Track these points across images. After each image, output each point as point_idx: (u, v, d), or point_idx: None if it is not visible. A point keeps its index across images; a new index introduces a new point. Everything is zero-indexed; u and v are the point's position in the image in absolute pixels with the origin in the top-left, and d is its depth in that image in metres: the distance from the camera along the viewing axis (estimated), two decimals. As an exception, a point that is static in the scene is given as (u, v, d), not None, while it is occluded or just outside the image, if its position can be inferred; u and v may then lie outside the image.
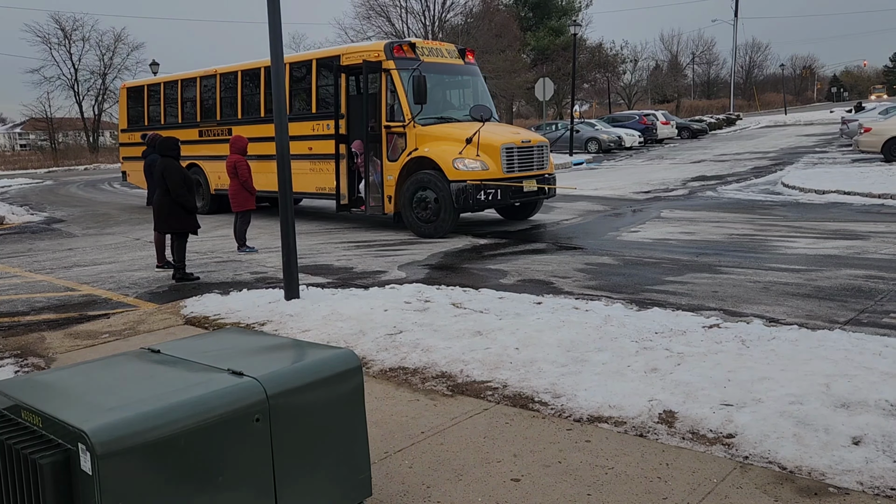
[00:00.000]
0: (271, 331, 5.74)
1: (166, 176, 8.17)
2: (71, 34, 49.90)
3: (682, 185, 17.03)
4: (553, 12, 46.24)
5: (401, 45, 11.26)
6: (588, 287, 7.32)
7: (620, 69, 54.17)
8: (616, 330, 5.15)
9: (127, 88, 16.81)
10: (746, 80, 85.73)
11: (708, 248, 9.04)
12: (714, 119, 47.99)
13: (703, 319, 5.63)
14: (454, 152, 10.43)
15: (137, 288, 8.05)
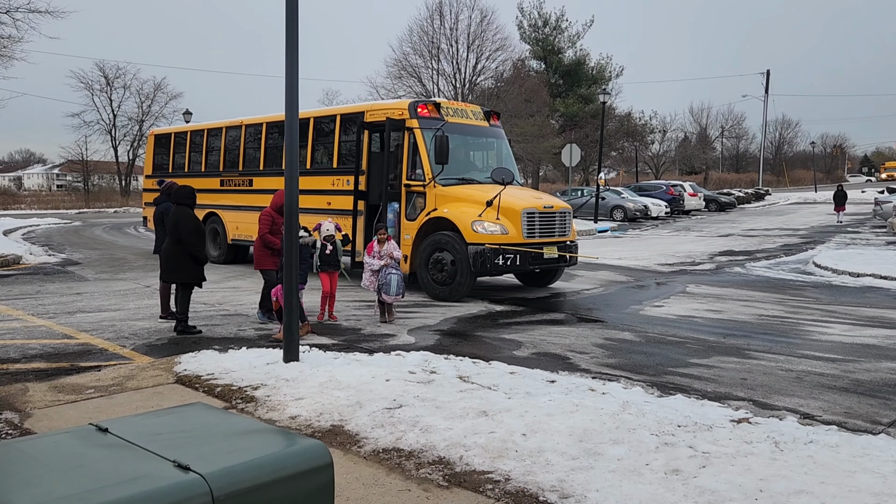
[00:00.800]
0: (263, 396, 5.37)
1: (180, 225, 7.98)
2: (113, 81, 51.68)
3: (709, 259, 16.55)
4: (583, 80, 46.78)
5: (425, 105, 11.17)
6: (606, 365, 6.86)
7: (649, 139, 54.32)
8: (634, 419, 4.68)
9: (155, 135, 17.00)
10: (776, 155, 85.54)
11: (736, 329, 8.54)
12: (742, 193, 47.59)
13: (731, 412, 5.14)
14: (474, 214, 10.16)
15: (136, 339, 7.75)
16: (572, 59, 47.46)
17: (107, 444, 2.37)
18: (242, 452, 2.30)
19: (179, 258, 8.06)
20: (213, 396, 5.47)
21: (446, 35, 34.62)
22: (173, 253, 8.09)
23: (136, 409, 5.13)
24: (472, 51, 34.97)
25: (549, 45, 46.69)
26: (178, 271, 8.10)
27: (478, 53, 35.09)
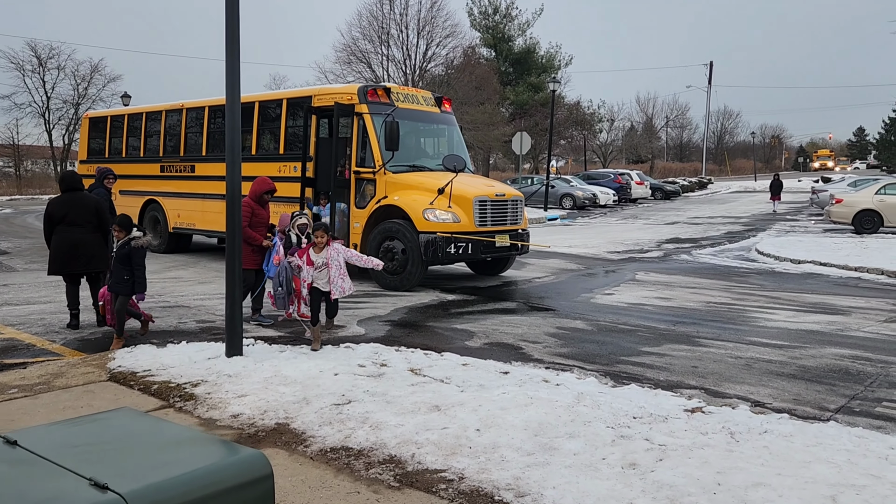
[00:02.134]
0: (204, 393, 5.08)
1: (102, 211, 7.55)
2: (46, 62, 49.18)
3: (657, 247, 16.77)
4: (533, 69, 46.88)
5: (375, 89, 10.88)
6: (559, 355, 6.79)
7: (597, 128, 54.92)
8: (590, 411, 4.60)
9: (90, 119, 16.19)
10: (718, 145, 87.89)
11: (685, 317, 8.60)
12: (687, 182, 48.68)
13: (685, 401, 5.11)
14: (425, 202, 9.96)
15: (68, 333, 7.32)
16: (522, 47, 47.48)
17: (14, 459, 2.10)
18: (171, 466, 2.07)
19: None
20: (149, 395, 5.16)
21: (396, 20, 34.17)
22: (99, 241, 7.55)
23: (64, 410, 4.79)
24: (423, 37, 34.62)
25: (499, 33, 46.59)
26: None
27: (428, 40, 34.76)
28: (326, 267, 6.54)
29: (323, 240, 6.55)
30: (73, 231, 7.23)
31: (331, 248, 6.57)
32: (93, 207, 7.40)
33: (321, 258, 6.55)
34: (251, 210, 7.79)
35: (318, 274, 6.57)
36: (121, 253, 6.78)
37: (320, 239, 6.55)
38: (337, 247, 6.69)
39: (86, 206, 7.36)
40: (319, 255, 6.56)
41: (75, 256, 7.30)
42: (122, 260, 6.77)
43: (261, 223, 7.94)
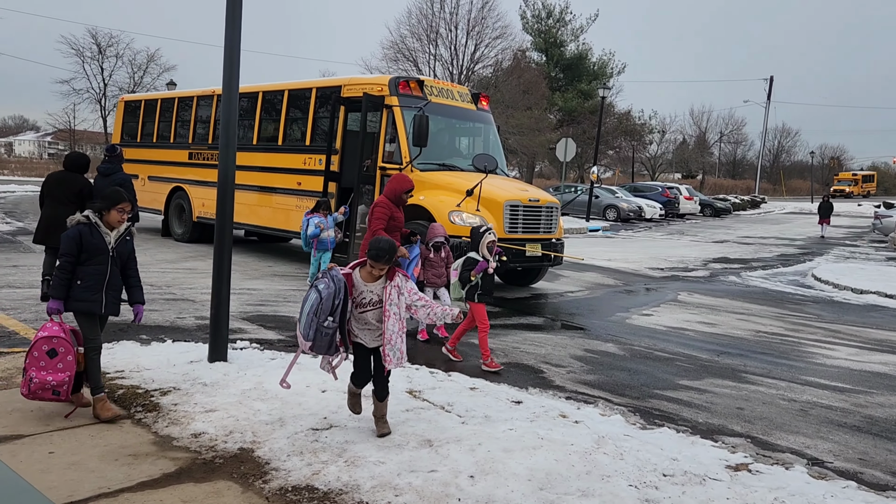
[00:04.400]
0: (170, 404, 4.48)
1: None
2: (105, 50, 50.17)
3: (703, 266, 15.72)
4: (584, 75, 45.80)
5: (407, 81, 10.24)
6: (584, 382, 6.01)
7: (647, 139, 53.45)
8: (610, 462, 3.82)
9: (125, 102, 15.98)
10: (773, 163, 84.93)
11: (731, 347, 7.71)
12: (738, 199, 46.88)
13: (727, 454, 4.29)
14: (451, 204, 9.26)
15: (56, 322, 6.82)
16: (574, 52, 46.46)
17: None
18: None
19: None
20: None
21: (445, 19, 33.58)
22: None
23: (12, 412, 4.24)
24: (472, 37, 33.95)
25: (551, 38, 45.66)
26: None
27: (477, 40, 34.08)
28: (376, 309, 4.04)
29: (383, 270, 3.98)
30: (56, 207, 7.38)
31: (392, 283, 4.02)
32: (77, 188, 7.55)
33: (372, 292, 4.03)
34: (389, 212, 6.61)
35: (360, 316, 4.05)
36: (123, 251, 4.50)
37: (379, 268, 3.97)
38: (400, 282, 4.05)
39: (71, 186, 7.54)
40: (371, 287, 4.03)
41: (50, 231, 7.44)
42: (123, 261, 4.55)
43: (397, 228, 6.72)
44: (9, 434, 3.92)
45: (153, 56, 51.19)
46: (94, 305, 4.32)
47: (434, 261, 7.27)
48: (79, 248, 4.27)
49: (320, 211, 9.11)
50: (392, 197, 6.74)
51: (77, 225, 4.34)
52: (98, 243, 4.34)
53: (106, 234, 4.38)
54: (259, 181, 11.96)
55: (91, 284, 4.31)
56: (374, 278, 4.01)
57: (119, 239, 4.46)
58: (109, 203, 4.42)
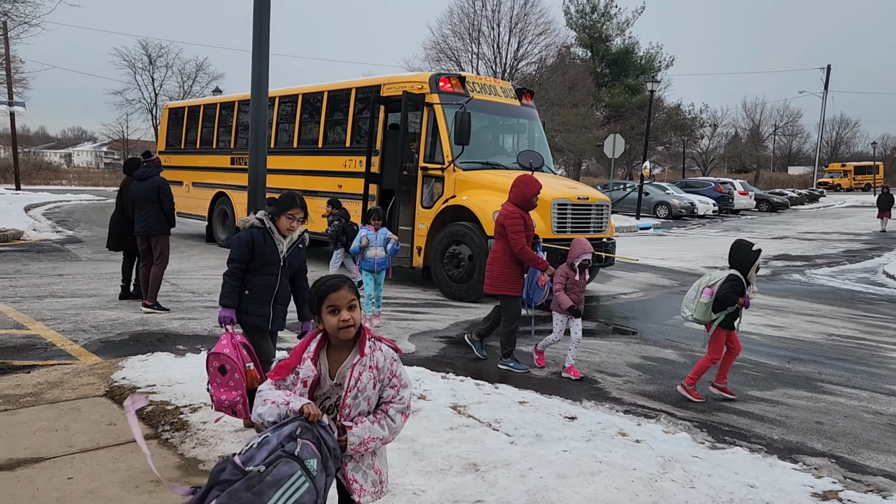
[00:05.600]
0: (198, 422, 4.22)
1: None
2: (156, 60, 51.48)
3: (763, 264, 14.89)
4: (631, 70, 44.74)
5: (448, 78, 9.90)
6: (643, 394, 5.55)
7: (697, 133, 51.90)
8: (680, 491, 3.39)
9: (169, 109, 16.08)
10: (831, 156, 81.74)
11: (803, 352, 7.11)
12: (796, 193, 45.07)
13: (812, 479, 3.80)
14: (496, 204, 8.83)
15: (94, 332, 6.71)
16: (620, 47, 45.43)
17: None
18: None
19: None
20: (139, 418, 4.34)
21: (488, 17, 33.17)
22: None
23: (36, 432, 4.04)
24: (515, 34, 33.44)
25: (596, 32, 44.76)
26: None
27: (520, 37, 33.54)
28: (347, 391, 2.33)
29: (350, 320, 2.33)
30: (122, 212, 8.27)
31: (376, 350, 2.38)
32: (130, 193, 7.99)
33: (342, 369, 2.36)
34: (523, 220, 5.94)
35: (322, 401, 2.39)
36: (294, 261, 4.13)
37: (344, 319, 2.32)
38: (388, 351, 2.40)
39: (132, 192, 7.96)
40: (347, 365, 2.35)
41: (119, 236, 8.37)
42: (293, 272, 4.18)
43: (529, 237, 6.06)
44: (29, 457, 3.71)
45: (201, 65, 52.37)
46: (260, 321, 4.00)
47: (578, 283, 5.99)
48: (250, 253, 3.92)
49: (371, 222, 7.42)
50: (521, 202, 6.01)
51: (250, 228, 3.96)
52: (270, 251, 3.95)
53: (279, 242, 3.98)
54: (300, 185, 11.78)
55: (258, 296, 3.98)
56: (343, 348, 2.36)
57: (292, 248, 4.05)
58: (279, 208, 3.98)
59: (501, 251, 6.02)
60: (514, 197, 6.04)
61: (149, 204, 7.89)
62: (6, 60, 26.66)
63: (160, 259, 7.96)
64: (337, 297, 2.29)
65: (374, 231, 7.29)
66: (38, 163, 51.68)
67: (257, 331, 4.04)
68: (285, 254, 4.00)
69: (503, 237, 6.00)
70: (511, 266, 5.99)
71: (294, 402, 2.22)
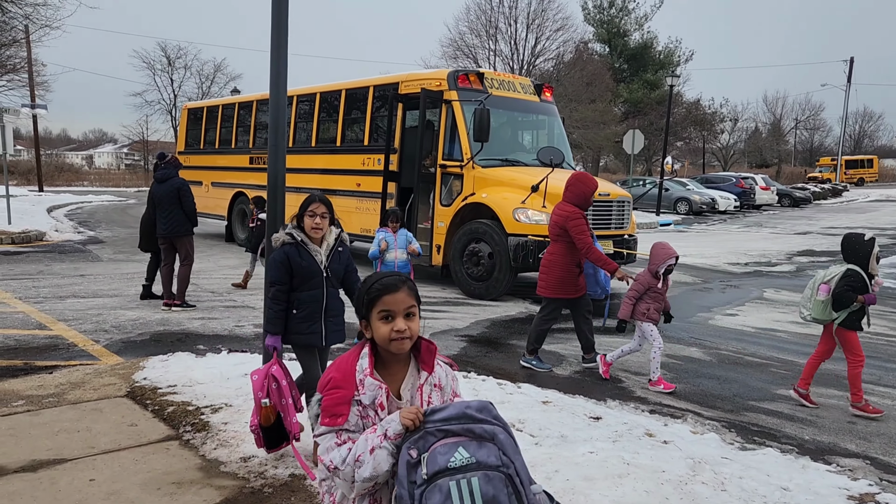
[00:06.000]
0: (220, 423, 4.19)
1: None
2: (174, 62, 51.95)
3: (788, 260, 14.69)
4: (649, 65, 44.33)
5: (467, 75, 9.82)
6: (668, 393, 5.44)
7: (718, 128, 51.30)
8: (711, 494, 3.29)
9: (188, 110, 16.16)
10: (855, 150, 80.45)
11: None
12: (818, 188, 44.40)
13: (848, 481, 3.69)
14: (516, 201, 8.79)
15: (116, 333, 6.73)
16: (638, 42, 45.03)
17: None
18: None
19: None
20: (160, 419, 4.33)
21: (504, 14, 33.04)
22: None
23: (58, 433, 4.03)
24: (532, 31, 33.29)
25: (614, 27, 44.40)
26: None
27: (537, 34, 33.38)
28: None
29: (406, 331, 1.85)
30: (149, 212, 8.24)
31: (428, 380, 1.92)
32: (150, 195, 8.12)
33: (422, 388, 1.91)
34: (586, 220, 5.82)
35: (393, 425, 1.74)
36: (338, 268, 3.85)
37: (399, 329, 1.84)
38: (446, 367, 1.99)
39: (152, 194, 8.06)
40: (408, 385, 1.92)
41: (145, 236, 8.39)
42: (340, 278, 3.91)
43: (591, 235, 5.92)
44: (52, 458, 3.70)
45: (220, 65, 52.72)
46: (313, 338, 3.72)
47: (662, 291, 5.61)
48: (289, 273, 3.63)
49: (388, 224, 7.02)
50: (580, 202, 5.84)
51: (282, 246, 3.66)
52: (308, 265, 3.65)
53: (316, 253, 3.68)
54: (319, 183, 11.77)
55: (307, 314, 3.68)
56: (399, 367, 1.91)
57: (331, 254, 3.74)
58: (300, 211, 3.71)
59: (560, 253, 5.83)
60: (573, 196, 5.83)
61: (170, 205, 7.90)
62: (28, 63, 27.01)
63: (186, 259, 7.99)
64: (393, 300, 1.84)
65: (393, 233, 6.94)
66: (60, 165, 52.32)
67: (309, 350, 3.80)
68: (326, 263, 3.71)
69: (562, 239, 5.80)
70: (570, 269, 5.82)
71: (388, 427, 1.71)
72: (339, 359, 1.89)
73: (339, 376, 1.82)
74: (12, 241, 13.27)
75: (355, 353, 1.88)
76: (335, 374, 1.83)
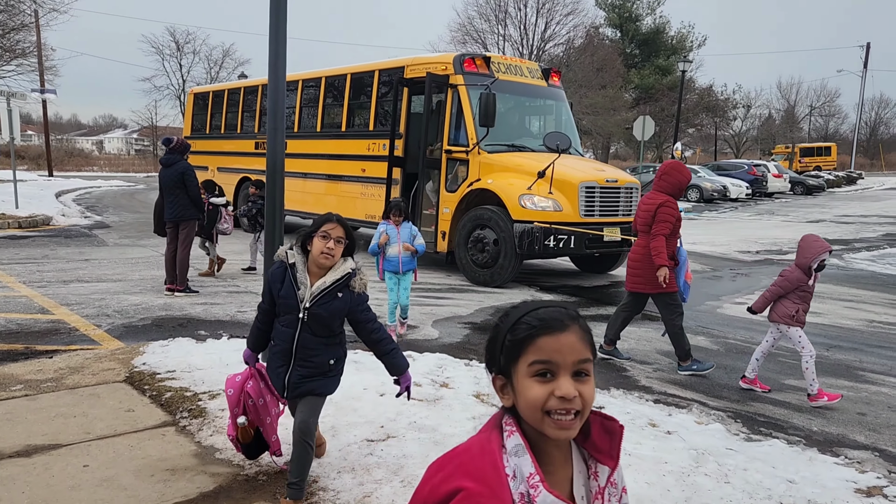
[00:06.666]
0: (216, 409, 4.14)
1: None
2: (183, 47, 51.81)
3: (799, 248, 14.49)
4: (661, 50, 43.84)
5: (473, 59, 9.68)
6: (674, 382, 5.36)
7: (730, 115, 50.74)
8: (714, 487, 3.21)
9: (194, 94, 16.09)
10: (870, 137, 79.48)
11: (842, 339, 6.83)
12: (832, 176, 43.90)
13: (856, 474, 3.60)
14: (522, 187, 8.68)
15: (118, 317, 6.70)
16: (650, 27, 44.51)
17: None
18: None
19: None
20: (157, 405, 4.28)
21: (515, -2, 32.68)
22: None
23: (55, 418, 4.00)
24: (542, 15, 32.95)
25: (625, 12, 43.89)
26: None
27: (547, 18, 33.04)
28: None
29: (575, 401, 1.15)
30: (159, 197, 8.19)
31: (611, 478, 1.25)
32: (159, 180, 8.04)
33: None
34: (676, 213, 5.53)
35: None
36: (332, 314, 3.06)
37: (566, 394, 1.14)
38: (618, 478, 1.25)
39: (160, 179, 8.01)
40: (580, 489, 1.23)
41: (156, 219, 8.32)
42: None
43: (676, 232, 5.60)
44: (47, 443, 3.66)
45: (228, 51, 52.52)
46: (276, 380, 3.13)
47: (810, 290, 5.12)
48: (270, 293, 3.04)
49: (390, 216, 6.27)
50: (674, 191, 5.54)
51: (274, 264, 3.06)
52: (286, 297, 2.98)
53: (301, 286, 2.96)
54: (324, 169, 11.72)
55: (278, 350, 3.07)
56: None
57: (322, 294, 2.95)
58: (312, 228, 2.99)
59: (647, 245, 5.52)
60: (668, 186, 5.55)
61: (176, 190, 7.85)
62: (38, 48, 26.97)
63: (185, 242, 7.93)
64: (557, 345, 1.15)
65: (396, 227, 6.23)
66: (70, 150, 52.57)
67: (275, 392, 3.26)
68: (307, 303, 2.93)
69: (648, 229, 5.50)
70: (667, 262, 5.49)
71: None
72: (465, 452, 1.17)
73: (477, 489, 1.09)
74: (19, 225, 13.30)
75: (492, 440, 1.18)
76: (470, 484, 1.10)
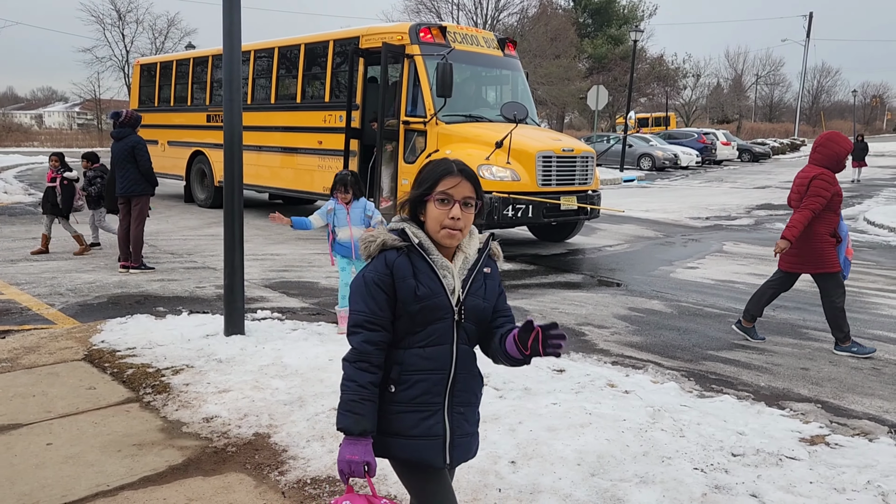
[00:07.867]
0: (181, 385, 4.13)
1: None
2: (125, 16, 49.83)
3: (747, 214, 14.97)
4: (614, 20, 44.09)
5: (429, 28, 9.61)
6: (631, 345, 5.54)
7: (681, 84, 51.56)
8: (670, 440, 3.37)
9: (141, 66, 15.57)
10: (813, 105, 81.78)
11: (787, 300, 7.11)
12: (777, 143, 45.15)
13: (801, 424, 3.81)
14: (480, 157, 8.72)
15: (72, 296, 6.56)
16: (603, -4, 44.68)
17: None
18: None
19: None
20: (119, 381, 4.25)
21: (468, -34, 32.36)
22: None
23: (13, 398, 3.94)
24: (496, -16, 32.70)
25: (578, -19, 43.92)
26: None
27: (501, -13, 32.82)
28: None
29: None
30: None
31: None
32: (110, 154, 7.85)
33: None
34: (833, 187, 5.16)
35: None
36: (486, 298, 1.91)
37: None
38: None
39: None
40: None
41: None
42: None
43: (835, 207, 5.25)
44: (7, 423, 3.61)
45: (173, 20, 50.85)
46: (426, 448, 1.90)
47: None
48: (389, 303, 1.84)
49: (336, 192, 5.25)
50: (832, 164, 5.19)
51: (382, 253, 1.86)
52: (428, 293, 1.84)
53: (444, 272, 1.86)
54: (279, 141, 11.54)
55: (418, 393, 1.87)
56: None
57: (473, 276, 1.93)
58: (422, 186, 1.89)
59: (813, 223, 5.22)
60: (822, 158, 5.22)
61: (126, 164, 7.65)
62: (-32, 17, 25.62)
63: (138, 219, 7.76)
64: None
65: (345, 205, 5.21)
66: (7, 125, 50.25)
67: (423, 470, 1.91)
68: (461, 292, 1.88)
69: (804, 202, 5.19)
70: (827, 238, 5.26)
71: None
72: None
73: None
74: (-41, 204, 12.77)
75: None
76: None
